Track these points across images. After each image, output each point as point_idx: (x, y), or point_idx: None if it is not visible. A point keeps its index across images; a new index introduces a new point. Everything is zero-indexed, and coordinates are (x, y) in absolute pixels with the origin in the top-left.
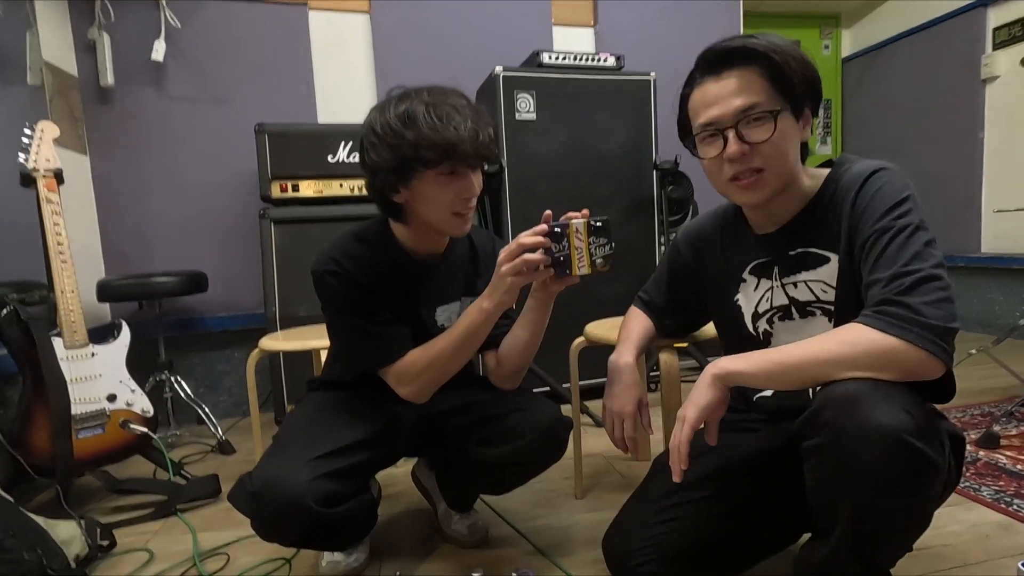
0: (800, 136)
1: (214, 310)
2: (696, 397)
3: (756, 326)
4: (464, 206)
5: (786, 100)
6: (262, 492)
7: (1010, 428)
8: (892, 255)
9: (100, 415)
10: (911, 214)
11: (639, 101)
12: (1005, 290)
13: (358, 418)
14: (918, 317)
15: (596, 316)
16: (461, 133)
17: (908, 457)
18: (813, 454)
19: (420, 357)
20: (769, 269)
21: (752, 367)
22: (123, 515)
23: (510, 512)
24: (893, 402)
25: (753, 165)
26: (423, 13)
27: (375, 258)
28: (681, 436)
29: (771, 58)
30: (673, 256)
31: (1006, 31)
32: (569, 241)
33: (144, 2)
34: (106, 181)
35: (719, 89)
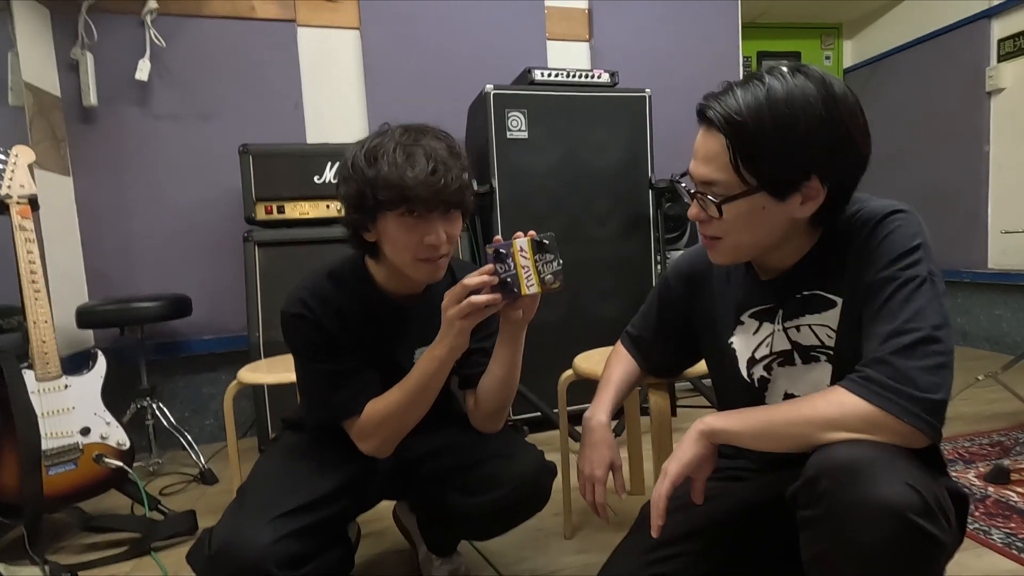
0: (788, 212)
1: (199, 333)
2: (680, 453)
3: (751, 372)
4: (428, 252)
5: (757, 181)
6: (219, 556)
7: (1021, 460)
8: (894, 309)
9: (73, 450)
10: (920, 264)
11: (635, 118)
12: (1013, 306)
13: (329, 465)
14: (905, 388)
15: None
16: (417, 175)
17: (914, 539)
18: (809, 526)
19: (375, 411)
20: (772, 313)
21: (739, 426)
22: (95, 554)
23: (495, 554)
24: (895, 474)
25: (709, 233)
26: (415, 29)
27: (348, 299)
28: (661, 490)
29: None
30: (663, 290)
31: (1011, 43)
32: (515, 261)
33: (128, 21)
34: (89, 203)
35: (700, 144)
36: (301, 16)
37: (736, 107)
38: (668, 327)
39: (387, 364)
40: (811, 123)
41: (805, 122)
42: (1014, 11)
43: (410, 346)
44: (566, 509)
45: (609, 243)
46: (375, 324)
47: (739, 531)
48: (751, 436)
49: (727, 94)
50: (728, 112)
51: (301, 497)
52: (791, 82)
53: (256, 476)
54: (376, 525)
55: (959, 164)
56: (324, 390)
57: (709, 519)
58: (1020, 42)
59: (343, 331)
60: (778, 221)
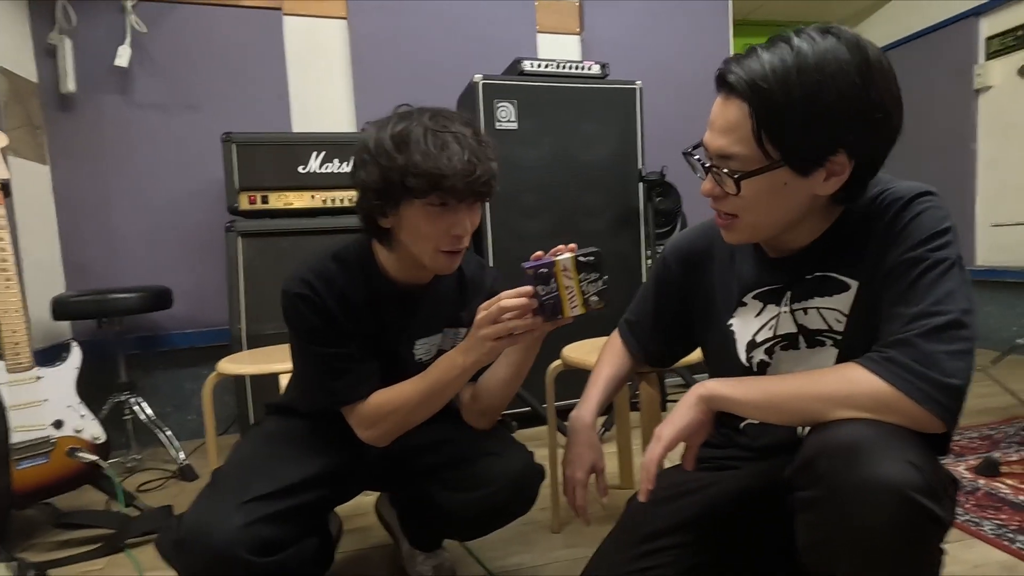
0: (811, 188)
1: (181, 326)
2: (676, 417)
3: (750, 356)
4: (453, 244)
5: (780, 155)
6: (188, 540)
7: (1011, 453)
8: (923, 290)
9: (44, 443)
10: (950, 248)
11: (625, 110)
12: (1002, 303)
13: (312, 451)
14: (930, 372)
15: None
16: (454, 164)
17: (916, 518)
18: (807, 508)
19: (384, 402)
20: (779, 295)
21: (743, 394)
22: (67, 551)
23: (481, 549)
24: (896, 453)
25: (724, 210)
26: (403, 19)
27: (352, 283)
28: (653, 455)
29: (754, 104)
30: (660, 271)
31: (999, 40)
32: (557, 281)
33: (108, 6)
34: (67, 192)
35: (717, 113)
36: (287, 5)
37: (761, 72)
38: (665, 311)
39: (386, 353)
40: (843, 92)
41: (837, 91)
42: (1002, 9)
43: (411, 336)
44: (554, 503)
45: (599, 237)
46: (378, 311)
47: (730, 521)
48: (754, 406)
49: (751, 57)
50: (752, 78)
51: (277, 482)
52: (822, 44)
53: (232, 460)
54: (361, 520)
55: (947, 162)
56: (325, 373)
57: (699, 510)
58: (1007, 40)
59: (345, 314)
60: (799, 199)
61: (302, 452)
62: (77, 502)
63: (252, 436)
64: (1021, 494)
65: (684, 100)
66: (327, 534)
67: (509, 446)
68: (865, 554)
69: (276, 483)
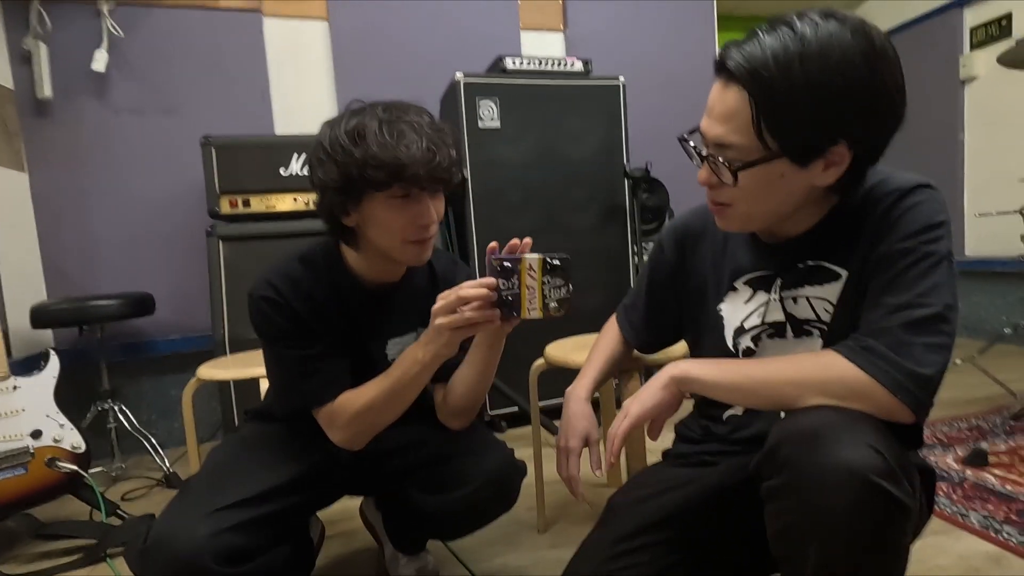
0: (809, 179)
1: (164, 332)
2: (645, 395)
3: (737, 342)
4: (420, 233)
5: (779, 147)
6: (152, 550)
7: (999, 443)
8: (909, 282)
9: (22, 454)
10: (941, 242)
11: (609, 106)
12: (990, 293)
13: (287, 457)
14: (904, 362)
15: (567, 329)
16: (413, 153)
17: (877, 502)
18: (772, 497)
19: (351, 403)
20: (770, 282)
21: (715, 376)
22: (47, 563)
23: (465, 550)
24: (858, 437)
25: (718, 199)
26: (385, 19)
27: (319, 285)
28: (619, 430)
29: (753, 93)
30: (655, 253)
31: (983, 31)
32: (520, 279)
33: (84, 10)
34: (46, 199)
35: (715, 99)
36: (267, 6)
37: (763, 58)
38: (657, 294)
39: (359, 354)
40: (848, 81)
41: (841, 80)
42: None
43: (383, 336)
44: (539, 503)
45: (585, 234)
46: (347, 312)
47: (710, 517)
48: (725, 389)
49: (752, 41)
50: (753, 64)
51: (247, 489)
52: (825, 29)
53: (203, 468)
54: (345, 525)
55: (935, 152)
56: (294, 377)
57: (678, 507)
58: (992, 30)
59: (313, 316)
60: (796, 189)
61: (276, 458)
62: (60, 512)
63: (226, 443)
64: (1008, 484)
65: (669, 95)
66: (306, 540)
67: (487, 444)
68: (828, 539)
69: (246, 491)
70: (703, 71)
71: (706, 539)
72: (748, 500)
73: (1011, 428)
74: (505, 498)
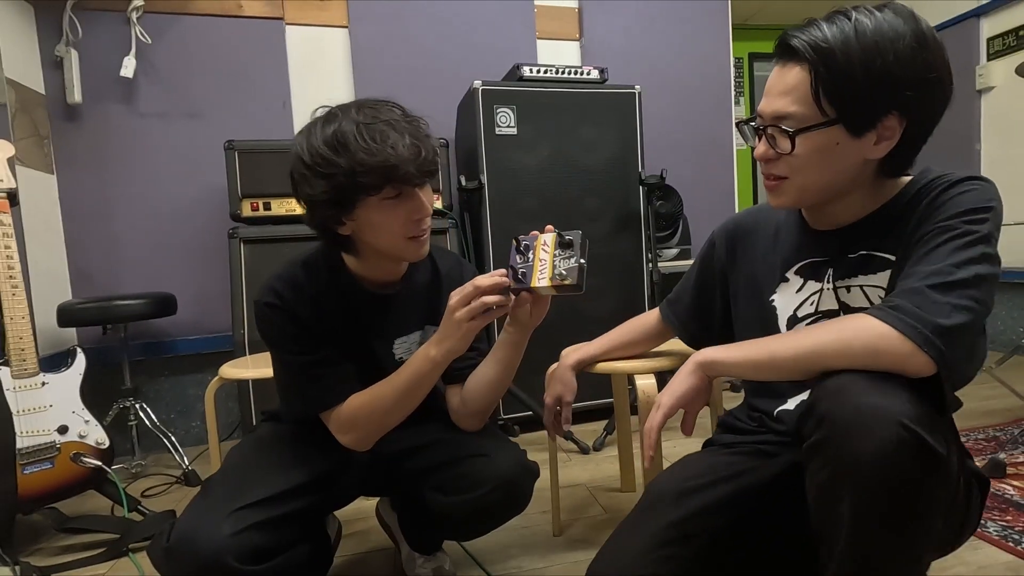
0: (862, 152)
1: (185, 332)
2: (674, 384)
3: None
4: (417, 228)
5: (836, 113)
6: (176, 548)
7: (1017, 455)
8: (944, 254)
9: (49, 448)
10: (985, 224)
11: (624, 114)
12: (1008, 304)
13: (303, 458)
14: (928, 315)
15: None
16: (400, 152)
17: (909, 444)
18: (812, 455)
19: (360, 405)
20: (822, 270)
21: (738, 356)
22: (71, 556)
23: (481, 552)
24: (892, 388)
25: (775, 172)
26: (404, 27)
27: (322, 288)
28: (653, 422)
29: (815, 64)
30: (706, 250)
31: (1000, 41)
32: (535, 253)
33: (114, 18)
34: (73, 201)
35: (774, 81)
36: (289, 14)
37: (823, 36)
38: (707, 289)
39: (365, 355)
40: (900, 55)
41: (894, 54)
42: (1003, 10)
43: (389, 336)
44: (554, 507)
45: (600, 241)
46: (351, 314)
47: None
48: (752, 365)
49: (812, 27)
50: (815, 40)
51: (267, 489)
52: (879, 16)
53: (223, 467)
54: (361, 524)
55: (951, 162)
56: (300, 381)
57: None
58: (1009, 40)
59: (318, 320)
60: (850, 161)
61: (293, 458)
62: (82, 507)
63: (244, 443)
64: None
65: (684, 104)
66: (324, 538)
67: (500, 446)
68: (862, 486)
69: (266, 490)
70: (718, 80)
71: (761, 530)
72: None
73: None
74: (517, 500)
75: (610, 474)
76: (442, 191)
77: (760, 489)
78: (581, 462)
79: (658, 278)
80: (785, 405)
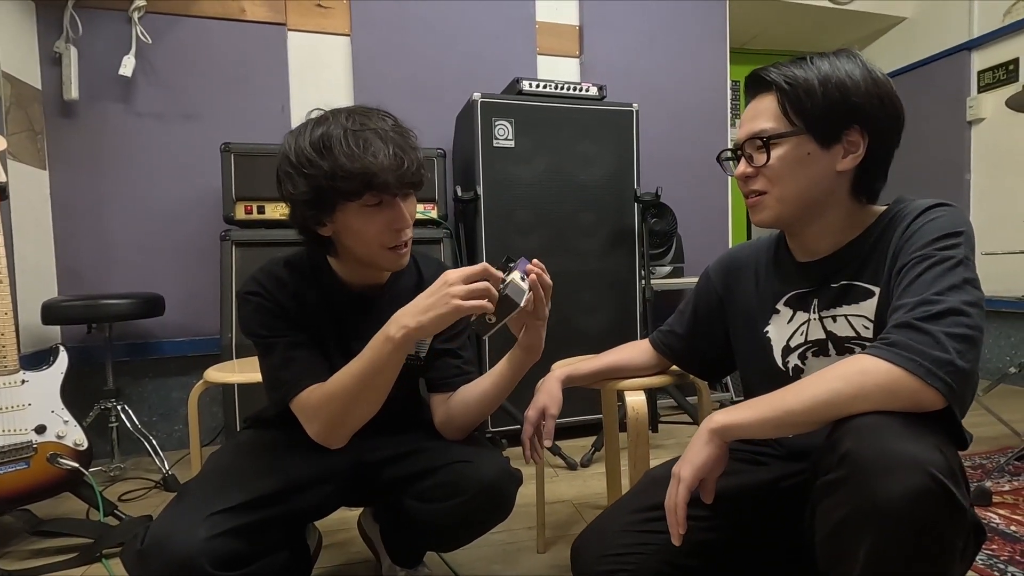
0: (832, 164)
1: (172, 334)
2: (692, 455)
3: (786, 361)
4: (396, 239)
5: (803, 123)
6: (149, 551)
7: (1003, 483)
8: (927, 282)
9: (26, 448)
10: (959, 248)
11: (621, 132)
12: (994, 333)
13: (283, 464)
14: (928, 349)
15: (572, 352)
16: (381, 161)
17: (937, 496)
18: (829, 491)
19: (321, 392)
20: (807, 301)
21: (751, 417)
22: (42, 560)
23: (463, 566)
24: (922, 434)
25: (755, 187)
26: (406, 38)
27: (305, 288)
28: (678, 498)
29: (781, 86)
30: (702, 284)
31: (990, 74)
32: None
33: (115, 17)
34: (65, 197)
35: (748, 111)
36: (292, 20)
37: (788, 69)
38: (702, 320)
39: (345, 358)
40: (852, 76)
41: (850, 79)
42: (993, 44)
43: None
44: (539, 523)
45: (593, 256)
46: (333, 315)
47: (750, 509)
48: (769, 424)
49: (783, 66)
50: (780, 72)
51: (245, 494)
52: (833, 56)
53: (202, 472)
54: (343, 535)
55: (941, 192)
56: (276, 367)
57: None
58: (999, 74)
59: (298, 313)
60: (822, 174)
61: (273, 464)
62: (56, 510)
63: (224, 449)
64: (1013, 524)
65: (681, 124)
66: (304, 548)
67: (482, 452)
68: (883, 529)
69: (244, 495)
70: (714, 102)
71: (742, 529)
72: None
73: (1015, 468)
74: (500, 506)
75: (597, 491)
76: (437, 201)
77: (749, 490)
78: (568, 478)
79: (651, 295)
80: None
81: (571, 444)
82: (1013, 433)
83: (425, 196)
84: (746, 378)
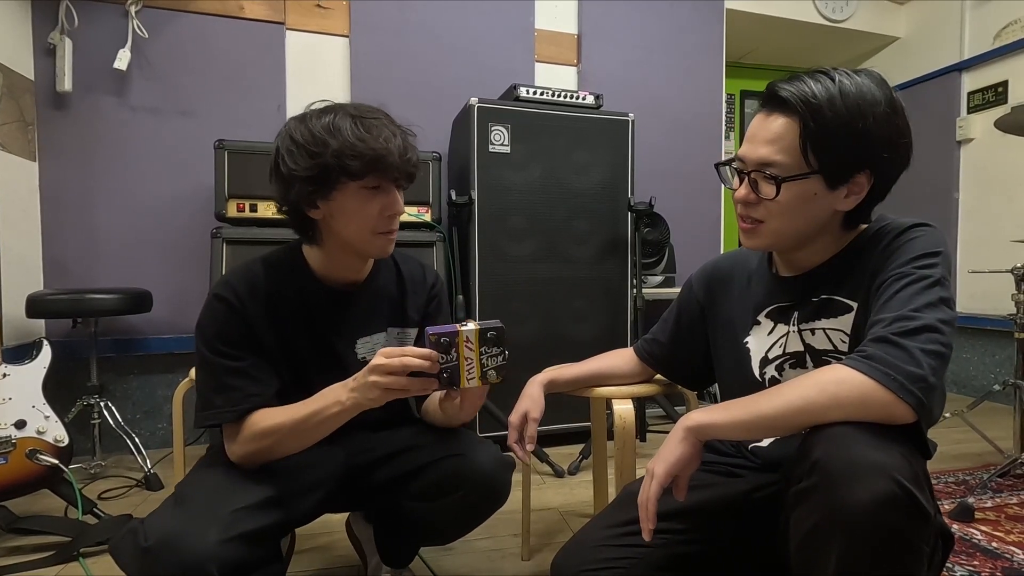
0: (833, 204)
1: (159, 331)
2: (666, 452)
3: (763, 372)
4: (387, 224)
5: (819, 165)
6: (157, 550)
7: (985, 499)
8: (905, 299)
9: (4, 443)
10: (936, 268)
11: (617, 141)
12: (980, 350)
13: (277, 470)
14: (902, 364)
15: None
16: (390, 146)
17: (901, 500)
18: (801, 500)
19: (260, 422)
20: (788, 314)
21: (726, 418)
22: (18, 557)
23: (448, 573)
24: (889, 447)
25: (753, 215)
26: (405, 41)
27: (281, 284)
28: (649, 493)
29: (806, 121)
30: (685, 293)
31: (980, 95)
32: (458, 351)
33: (112, 9)
34: (54, 190)
35: (759, 128)
36: (291, 20)
37: (811, 92)
38: (684, 329)
39: (326, 354)
40: (877, 118)
41: (872, 117)
42: (983, 66)
43: (351, 336)
44: (525, 530)
45: (586, 264)
46: (310, 312)
47: (725, 521)
48: (742, 426)
49: (799, 81)
50: (804, 95)
51: (256, 493)
52: (857, 79)
53: (199, 476)
54: (323, 539)
55: (929, 210)
56: (209, 387)
57: (696, 504)
58: (988, 96)
59: (268, 320)
60: (822, 211)
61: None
62: (34, 507)
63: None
64: (994, 541)
65: (676, 135)
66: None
67: (473, 443)
68: (851, 536)
69: (256, 494)
70: (710, 114)
71: (719, 541)
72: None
73: (998, 485)
74: (498, 495)
75: (584, 499)
76: (432, 204)
77: (725, 502)
78: (555, 485)
79: (642, 304)
80: (759, 443)
81: (559, 451)
82: (996, 450)
83: (419, 199)
84: (724, 388)
